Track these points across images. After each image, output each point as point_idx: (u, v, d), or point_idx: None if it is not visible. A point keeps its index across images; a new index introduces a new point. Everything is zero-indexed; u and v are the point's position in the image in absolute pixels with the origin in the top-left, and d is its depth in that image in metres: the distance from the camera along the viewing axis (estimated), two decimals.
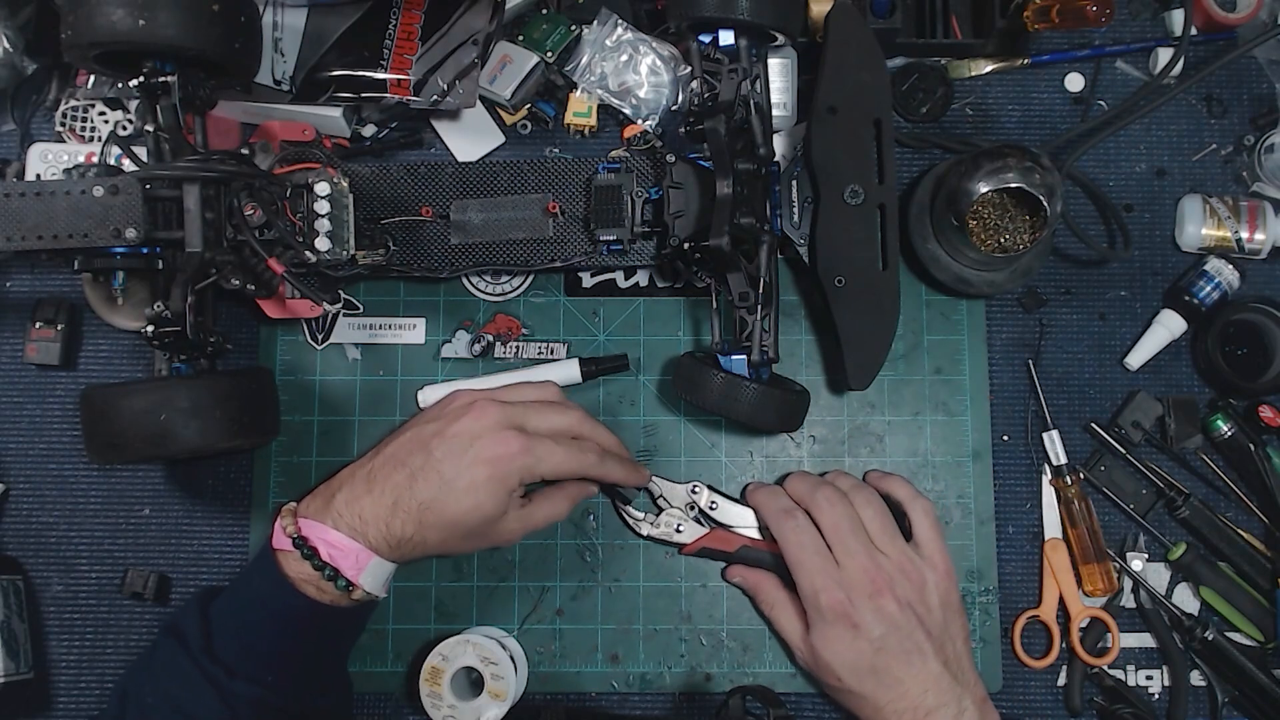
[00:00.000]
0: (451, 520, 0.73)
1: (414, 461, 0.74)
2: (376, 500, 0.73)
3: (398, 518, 0.72)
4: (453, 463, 0.73)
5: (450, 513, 0.73)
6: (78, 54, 0.73)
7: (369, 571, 0.72)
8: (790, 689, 0.84)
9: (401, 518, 0.72)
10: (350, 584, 0.71)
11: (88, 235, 0.71)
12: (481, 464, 0.73)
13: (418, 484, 0.73)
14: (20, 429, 0.87)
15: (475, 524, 0.74)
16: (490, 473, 0.73)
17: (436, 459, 0.73)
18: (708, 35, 0.79)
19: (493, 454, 0.73)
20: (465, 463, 0.73)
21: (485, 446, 0.74)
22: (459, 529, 0.74)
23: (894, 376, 0.87)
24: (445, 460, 0.73)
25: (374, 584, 0.73)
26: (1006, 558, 0.85)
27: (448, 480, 0.73)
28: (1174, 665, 0.83)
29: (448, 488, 0.73)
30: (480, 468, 0.73)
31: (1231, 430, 0.85)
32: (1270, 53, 0.89)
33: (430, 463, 0.73)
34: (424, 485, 0.73)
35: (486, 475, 0.73)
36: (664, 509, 0.84)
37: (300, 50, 0.84)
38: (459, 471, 0.73)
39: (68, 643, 0.85)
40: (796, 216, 0.83)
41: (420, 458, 0.74)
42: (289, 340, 0.87)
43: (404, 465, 0.74)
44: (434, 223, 0.84)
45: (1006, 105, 0.90)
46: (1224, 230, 0.87)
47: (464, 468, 0.73)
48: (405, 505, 0.73)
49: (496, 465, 0.73)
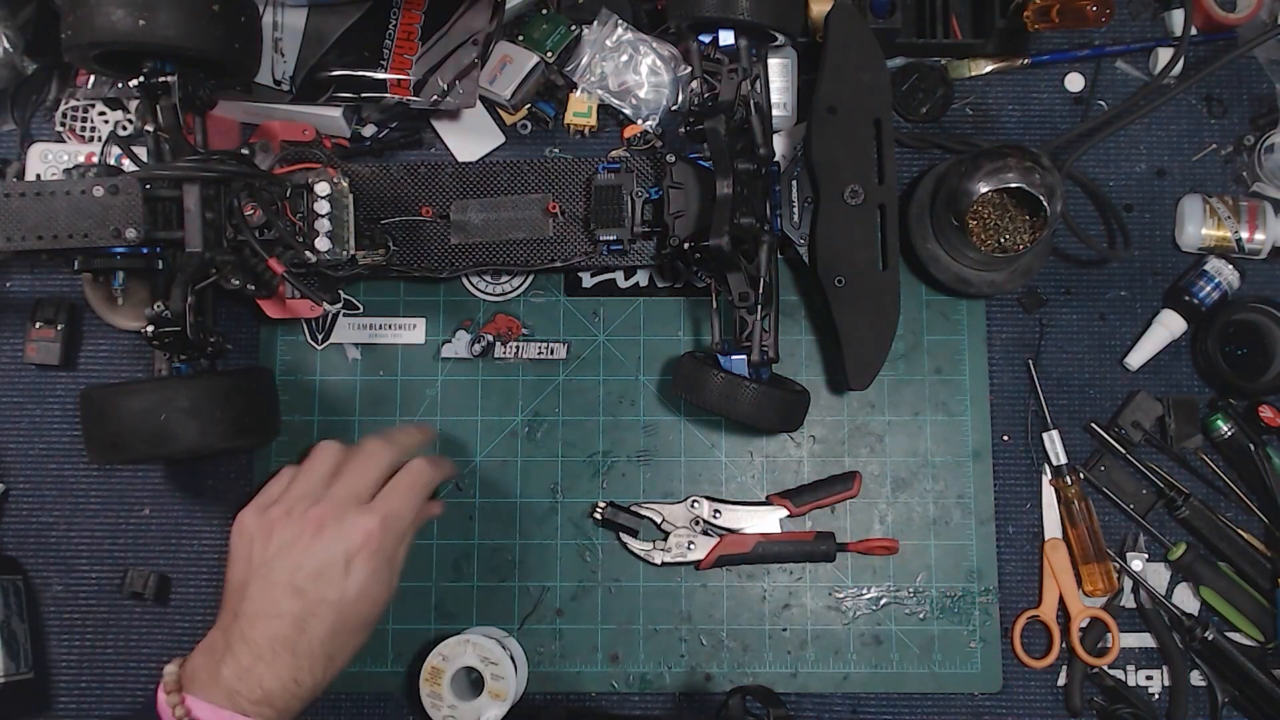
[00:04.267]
0: (361, 625, 0.70)
1: (288, 606, 0.67)
2: (271, 664, 0.66)
3: (303, 668, 0.67)
4: (335, 582, 0.68)
5: (358, 621, 0.69)
6: (78, 54, 0.73)
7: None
8: (790, 689, 0.84)
9: (307, 665, 0.67)
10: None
11: (88, 235, 0.71)
12: (360, 562, 0.69)
13: (309, 625, 0.67)
14: (20, 429, 0.87)
15: (378, 611, 0.71)
16: (373, 563, 0.69)
17: (313, 590, 0.68)
18: (708, 35, 0.79)
19: (363, 545, 0.69)
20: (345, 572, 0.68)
21: (350, 545, 0.69)
22: (366, 627, 0.70)
23: (894, 376, 0.87)
24: (323, 584, 0.68)
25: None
26: (1006, 558, 0.85)
27: (342, 599, 0.68)
28: (1174, 665, 0.83)
29: (344, 605, 0.68)
30: (361, 566, 0.69)
31: (1231, 430, 0.85)
32: (1270, 53, 0.89)
33: (309, 597, 0.67)
34: (317, 621, 0.67)
35: (371, 567, 0.69)
36: (670, 533, 0.84)
37: (300, 50, 0.84)
38: (345, 585, 0.68)
39: (68, 643, 0.85)
40: (796, 216, 0.83)
41: (291, 599, 0.67)
42: (289, 340, 0.87)
43: (279, 616, 0.67)
44: (434, 223, 0.84)
45: (1006, 105, 0.90)
46: (1224, 230, 0.87)
47: (350, 578, 0.68)
48: (306, 650, 0.67)
49: (374, 553, 0.69)
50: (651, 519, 0.85)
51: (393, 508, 0.72)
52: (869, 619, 0.84)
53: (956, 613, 0.84)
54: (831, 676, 0.84)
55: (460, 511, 0.85)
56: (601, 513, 0.84)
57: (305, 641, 0.67)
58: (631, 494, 0.86)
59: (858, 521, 0.85)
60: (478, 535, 0.85)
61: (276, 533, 0.70)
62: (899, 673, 0.84)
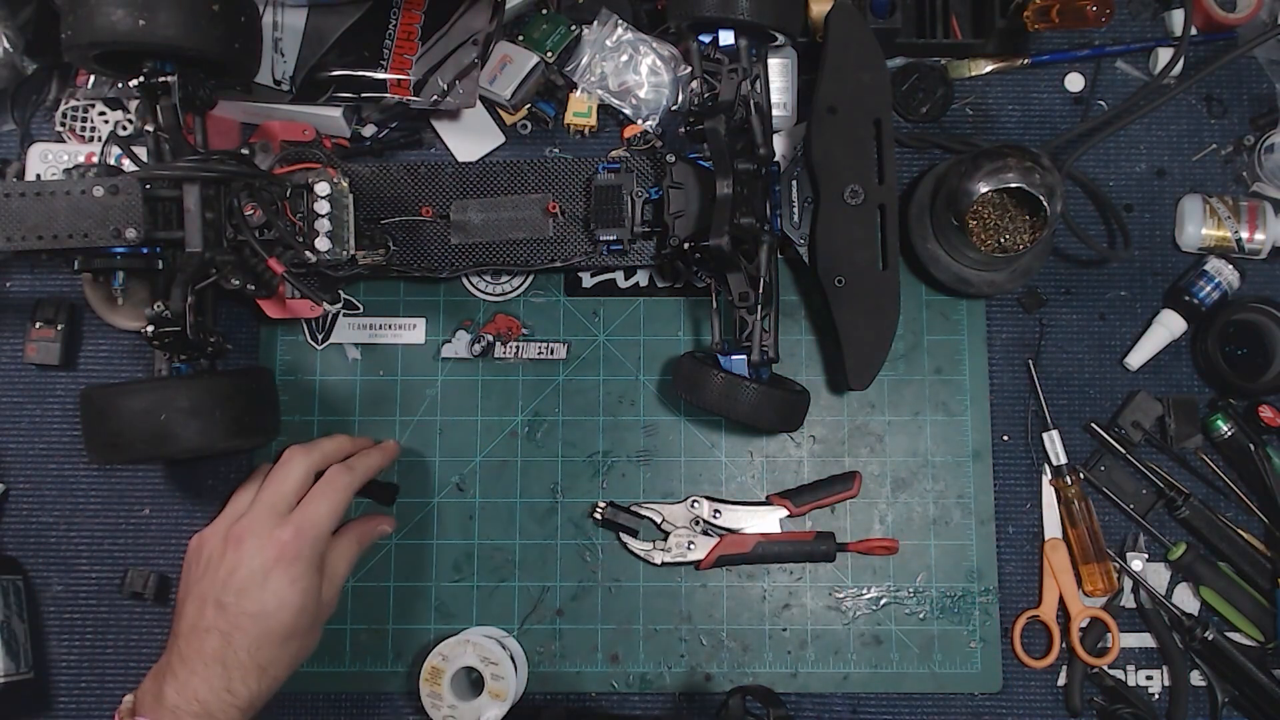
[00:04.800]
0: (287, 635, 0.70)
1: (213, 621, 0.69)
2: (204, 677, 0.68)
3: (235, 679, 0.69)
4: (254, 595, 0.70)
5: (283, 630, 0.70)
6: (78, 54, 0.73)
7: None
8: (790, 689, 0.84)
9: (239, 676, 0.69)
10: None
11: (88, 235, 0.71)
12: (278, 573, 0.70)
13: (234, 638, 0.69)
14: (20, 429, 0.87)
15: (308, 619, 0.72)
16: (290, 572, 0.70)
17: (234, 604, 0.69)
18: (708, 35, 0.79)
19: (279, 556, 0.70)
20: (262, 583, 0.70)
21: (267, 557, 0.70)
22: (296, 635, 0.71)
23: (894, 376, 0.87)
24: (243, 597, 0.70)
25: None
26: (1006, 558, 0.85)
27: (262, 611, 0.69)
28: (1174, 665, 0.83)
29: (265, 616, 0.69)
30: (279, 576, 0.70)
31: (1231, 430, 0.85)
32: (1270, 53, 0.89)
33: (230, 611, 0.69)
34: (241, 634, 0.69)
35: (290, 577, 0.70)
36: (670, 533, 0.84)
37: (300, 50, 0.84)
38: (263, 597, 0.70)
39: (68, 643, 0.85)
40: (796, 216, 0.83)
41: (216, 614, 0.70)
42: (289, 340, 0.87)
43: (208, 631, 0.69)
44: (434, 223, 0.84)
45: (1006, 105, 0.90)
46: (1224, 230, 0.87)
47: (267, 589, 0.70)
48: (235, 662, 0.69)
49: (291, 562, 0.71)
50: (651, 519, 0.85)
51: (307, 516, 0.73)
52: (869, 619, 0.84)
53: (956, 613, 0.84)
54: (831, 676, 0.84)
55: (460, 511, 0.85)
56: (601, 513, 0.84)
57: (233, 654, 0.69)
58: (631, 494, 0.86)
59: (858, 521, 0.85)
60: (478, 535, 0.85)
61: (204, 550, 0.73)
62: (899, 673, 0.84)
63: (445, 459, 0.86)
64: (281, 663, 0.71)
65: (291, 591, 0.70)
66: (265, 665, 0.70)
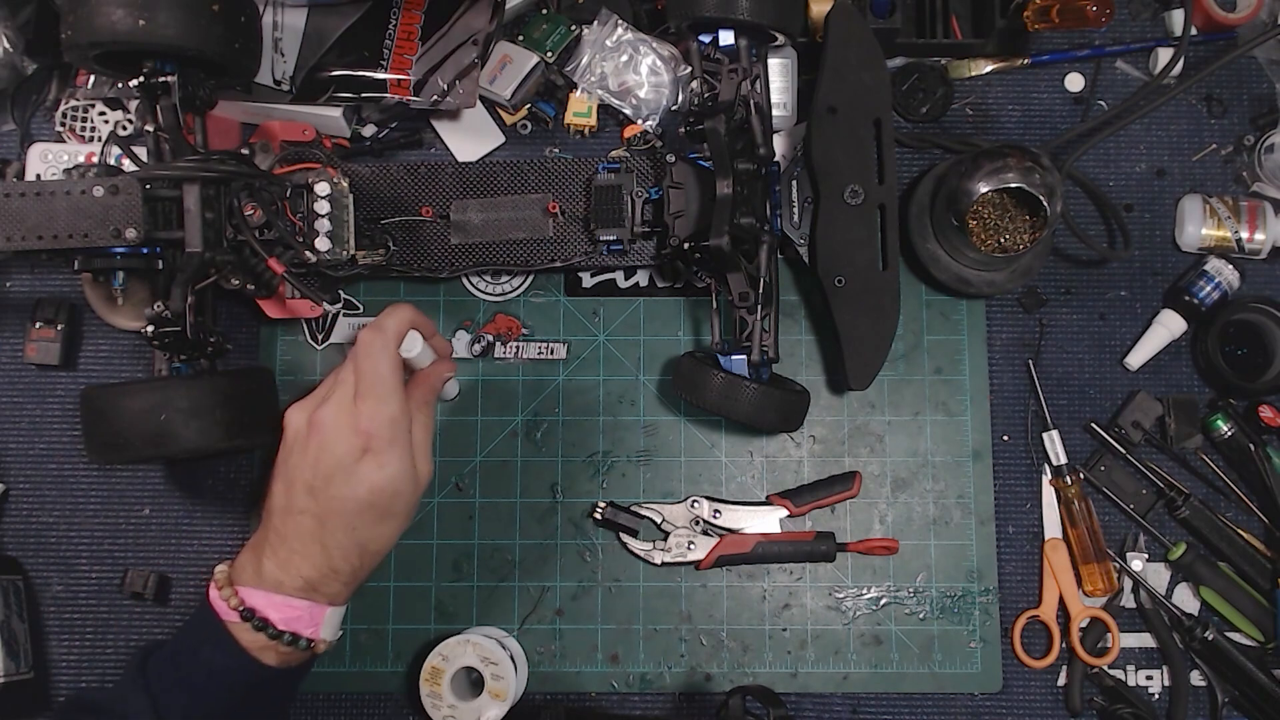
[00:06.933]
0: (383, 515, 0.70)
1: (305, 504, 0.69)
2: (305, 555, 0.69)
3: (335, 557, 0.70)
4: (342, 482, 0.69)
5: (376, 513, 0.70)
6: (78, 54, 0.73)
7: (326, 624, 0.71)
8: (790, 689, 0.84)
9: (339, 555, 0.70)
10: (311, 641, 0.70)
11: (88, 235, 0.71)
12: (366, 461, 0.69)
13: (329, 521, 0.69)
14: (20, 429, 0.87)
15: (403, 501, 0.71)
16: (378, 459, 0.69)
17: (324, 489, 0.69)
18: (708, 35, 0.79)
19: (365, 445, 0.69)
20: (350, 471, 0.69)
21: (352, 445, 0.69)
22: (392, 515, 0.71)
23: (894, 376, 0.87)
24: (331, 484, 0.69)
25: (332, 632, 0.72)
26: (1006, 558, 0.85)
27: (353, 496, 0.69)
28: (1174, 665, 0.83)
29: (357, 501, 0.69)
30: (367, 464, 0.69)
31: (1231, 430, 0.85)
32: (1270, 53, 0.89)
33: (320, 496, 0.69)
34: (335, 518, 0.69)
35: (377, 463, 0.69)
36: (670, 533, 0.84)
37: (300, 50, 0.84)
38: (353, 483, 0.69)
39: (68, 643, 0.85)
40: (796, 216, 0.83)
41: (307, 498, 0.69)
42: (289, 340, 0.87)
43: (302, 513, 0.69)
44: (434, 223, 0.84)
45: (1006, 105, 0.90)
46: (1224, 230, 0.87)
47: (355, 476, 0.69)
48: (334, 543, 0.69)
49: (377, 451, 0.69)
50: (651, 519, 0.85)
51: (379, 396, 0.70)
52: (869, 619, 0.84)
53: (956, 613, 0.84)
54: (831, 676, 0.84)
55: (460, 511, 0.85)
56: (601, 513, 0.84)
57: (330, 535, 0.69)
58: (631, 494, 0.86)
59: (858, 521, 0.86)
60: (478, 535, 0.85)
61: (290, 428, 0.73)
62: (899, 673, 0.84)
63: (445, 459, 0.86)
64: (383, 538, 0.72)
65: (381, 476, 0.70)
66: (365, 543, 0.70)
